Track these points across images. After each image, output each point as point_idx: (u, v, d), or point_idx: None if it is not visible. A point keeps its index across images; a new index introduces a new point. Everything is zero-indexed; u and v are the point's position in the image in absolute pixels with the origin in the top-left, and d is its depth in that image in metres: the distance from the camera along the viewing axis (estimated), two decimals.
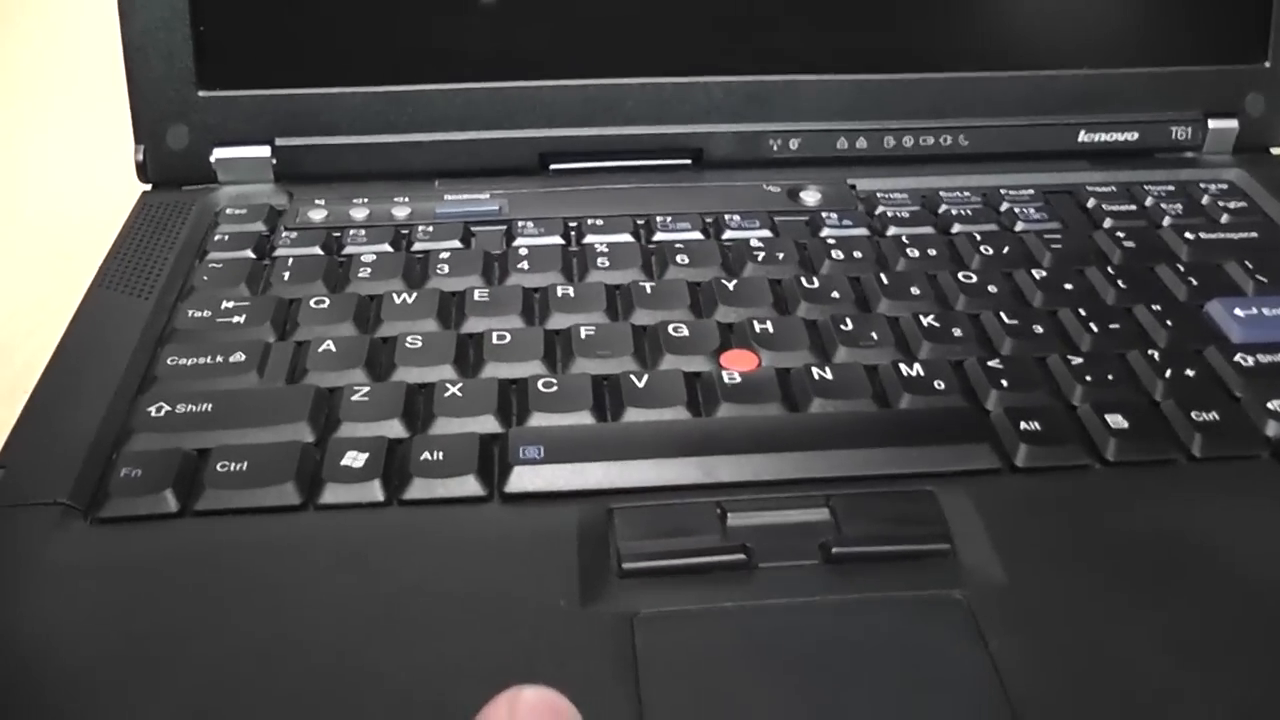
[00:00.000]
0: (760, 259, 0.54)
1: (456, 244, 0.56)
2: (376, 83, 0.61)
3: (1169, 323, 0.50)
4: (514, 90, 0.61)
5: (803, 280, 0.52)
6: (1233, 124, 0.63)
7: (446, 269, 0.54)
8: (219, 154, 0.61)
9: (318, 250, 0.56)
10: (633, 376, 0.47)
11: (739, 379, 0.47)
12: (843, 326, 0.49)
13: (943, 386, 0.46)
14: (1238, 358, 0.49)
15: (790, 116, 0.61)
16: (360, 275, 0.54)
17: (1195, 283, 0.53)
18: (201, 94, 0.60)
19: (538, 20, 0.60)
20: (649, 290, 0.52)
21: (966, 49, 0.62)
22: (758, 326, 0.50)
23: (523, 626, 0.39)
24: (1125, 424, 0.45)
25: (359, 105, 0.61)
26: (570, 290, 0.52)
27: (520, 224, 0.57)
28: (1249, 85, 0.63)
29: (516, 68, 0.60)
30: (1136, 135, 0.63)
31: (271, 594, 0.40)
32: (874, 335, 0.49)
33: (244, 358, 0.49)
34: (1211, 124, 0.63)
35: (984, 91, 0.62)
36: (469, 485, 0.44)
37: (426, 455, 0.44)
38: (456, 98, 0.61)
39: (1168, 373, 0.48)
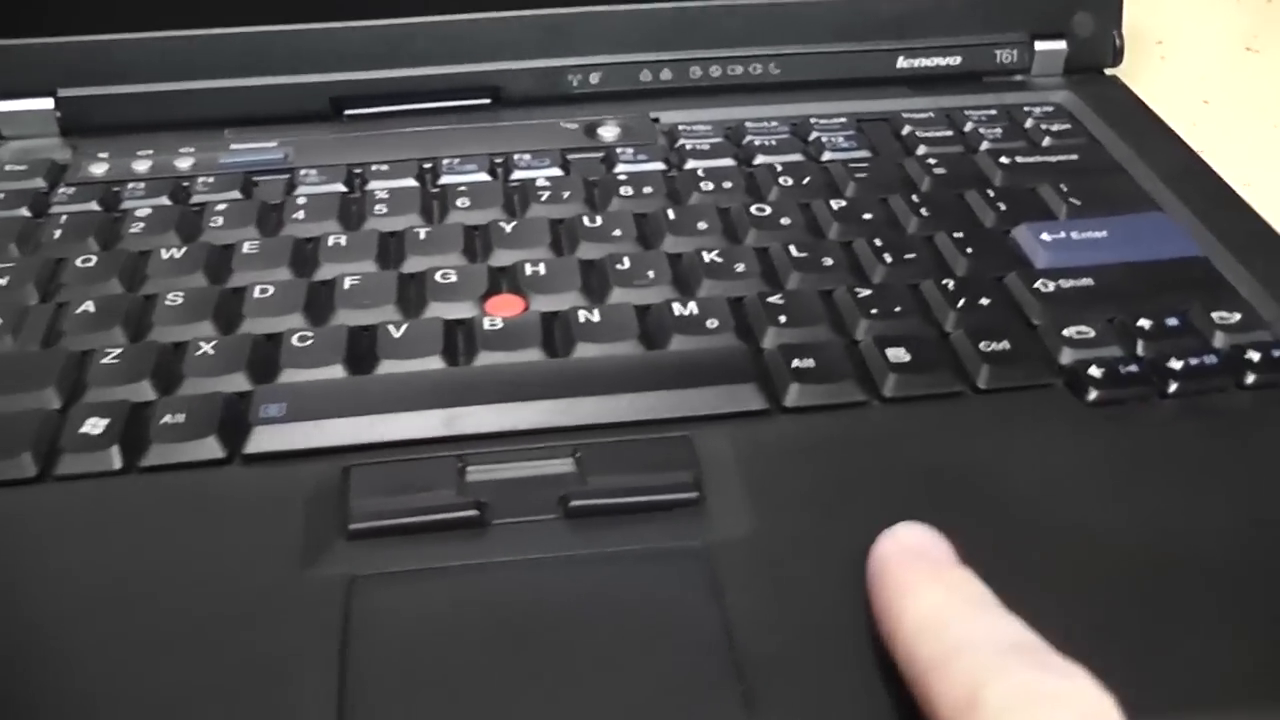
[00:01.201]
0: (544, 199, 0.51)
1: (236, 195, 0.53)
2: (162, 27, 0.57)
3: (970, 250, 0.48)
4: (303, 33, 0.58)
5: (585, 219, 0.50)
6: (1060, 45, 0.61)
7: (221, 221, 0.51)
8: (0, 107, 0.57)
9: (94, 206, 0.53)
10: (390, 327, 0.44)
11: (500, 325, 0.44)
12: (619, 266, 0.47)
13: (716, 325, 0.44)
14: (1038, 284, 0.46)
15: (590, 50, 0.58)
16: (133, 231, 0.51)
17: (1004, 208, 0.51)
18: None
19: None
20: (422, 236, 0.49)
21: None
22: (529, 269, 0.47)
23: (243, 593, 0.36)
24: (907, 357, 0.42)
25: (145, 51, 0.58)
26: (343, 239, 0.49)
27: (303, 172, 0.54)
28: (1076, 5, 0.60)
29: (305, 9, 0.57)
30: (959, 60, 0.60)
31: None
32: (650, 273, 0.46)
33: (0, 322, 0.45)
34: (1038, 46, 0.61)
35: (796, 17, 0.59)
36: (209, 448, 0.41)
37: (168, 418, 0.41)
38: (244, 41, 0.58)
39: (960, 302, 0.45)
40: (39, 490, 0.40)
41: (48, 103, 0.58)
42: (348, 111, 0.58)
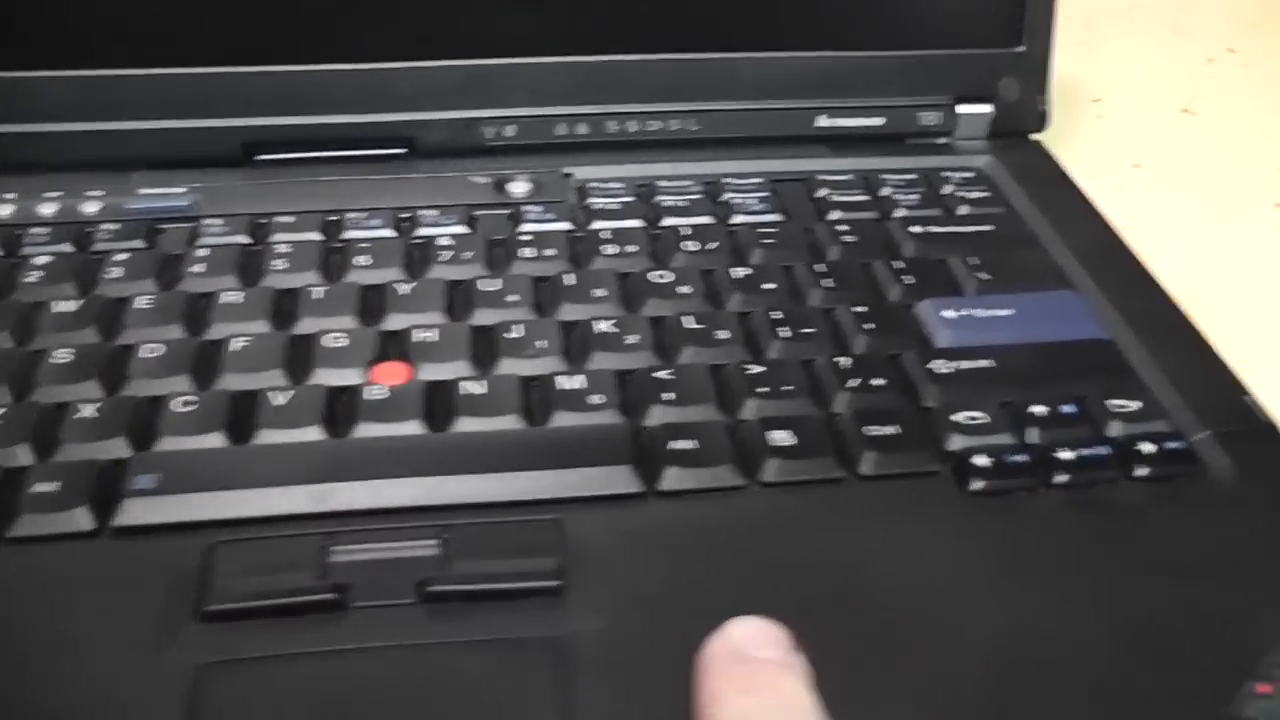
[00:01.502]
0: (445, 259, 0.50)
1: (139, 244, 0.52)
2: (73, 66, 0.57)
3: (869, 326, 0.47)
4: (217, 76, 0.57)
5: (482, 283, 0.49)
6: (986, 109, 0.60)
7: (118, 273, 0.50)
8: None
9: None
10: (273, 393, 0.43)
11: (383, 395, 0.43)
12: (508, 334, 0.46)
13: (600, 401, 0.43)
14: (934, 364, 0.45)
15: (507, 102, 0.58)
16: (29, 280, 0.50)
17: (911, 281, 0.50)
18: None
19: (242, 3, 0.56)
20: (316, 296, 0.48)
21: (699, 28, 0.58)
22: (419, 335, 0.46)
23: (89, 679, 0.35)
24: (790, 441, 0.42)
25: (55, 90, 0.57)
26: (238, 296, 0.48)
27: (208, 222, 0.53)
28: (1003, 69, 0.60)
29: (218, 52, 0.56)
30: (882, 121, 0.59)
31: None
32: (541, 343, 0.45)
33: None
34: (961, 109, 0.60)
35: (716, 73, 0.59)
36: (78, 519, 0.40)
37: (40, 486, 0.40)
38: (158, 83, 0.57)
39: (852, 382, 0.44)
40: None
41: None
42: (260, 157, 0.57)
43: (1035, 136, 0.62)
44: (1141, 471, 0.42)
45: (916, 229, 0.53)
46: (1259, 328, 0.54)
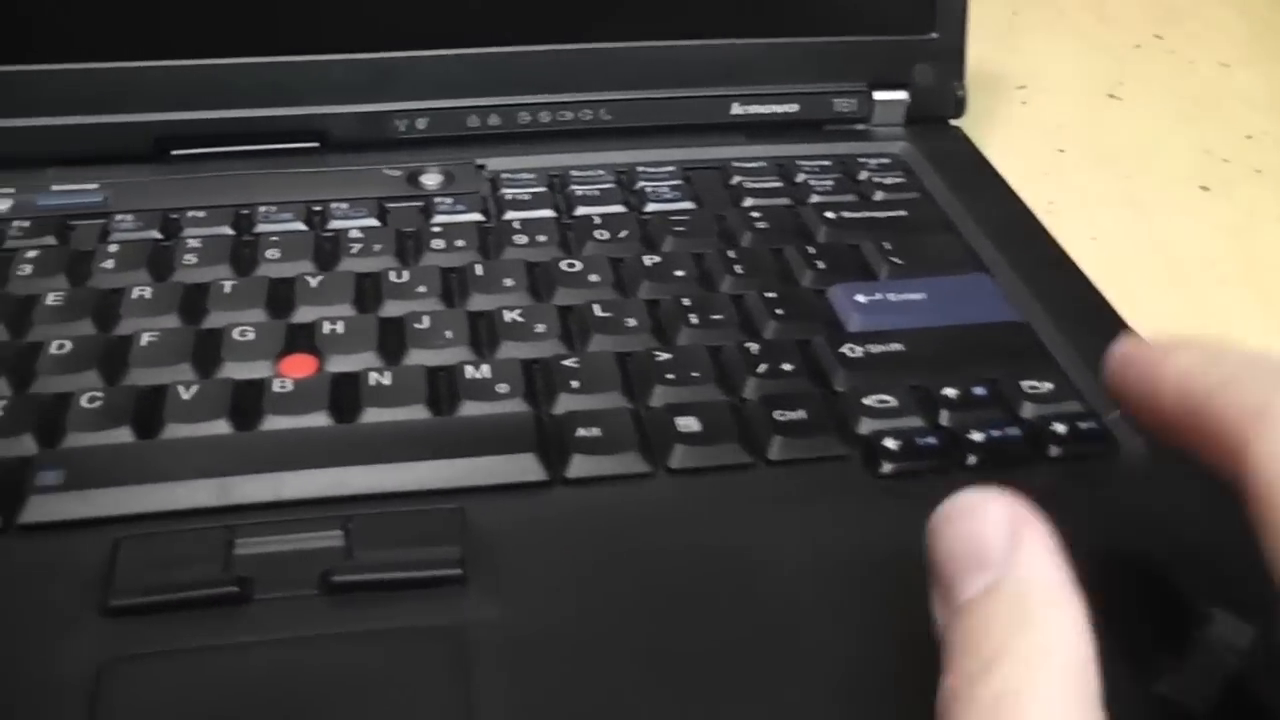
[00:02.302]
0: (355, 251, 0.50)
1: (49, 240, 0.52)
2: None
3: (779, 311, 0.47)
4: (124, 70, 0.56)
5: (392, 275, 0.49)
6: (902, 95, 0.60)
7: (29, 270, 0.50)
8: None
9: None
10: (180, 387, 0.43)
11: (290, 387, 0.43)
12: (417, 325, 0.46)
13: (506, 390, 0.43)
14: (844, 348, 0.45)
15: (418, 94, 0.58)
16: None
17: (823, 266, 0.50)
18: None
19: None
20: (227, 289, 0.48)
21: (609, 15, 0.58)
22: (327, 328, 0.46)
23: None
24: (697, 427, 0.42)
25: None
26: (148, 291, 0.48)
27: (119, 218, 0.53)
28: (917, 55, 0.60)
29: (129, 47, 0.56)
30: (797, 107, 0.59)
31: None
32: (448, 333, 0.45)
33: None
34: (877, 95, 0.60)
35: (628, 61, 0.58)
36: None
37: None
38: (67, 78, 0.56)
39: (761, 367, 0.44)
40: None
41: None
42: (174, 152, 0.57)
43: (955, 123, 0.62)
44: (1054, 452, 0.42)
45: (830, 214, 0.53)
46: (1178, 310, 0.54)
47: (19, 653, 0.36)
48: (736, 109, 0.59)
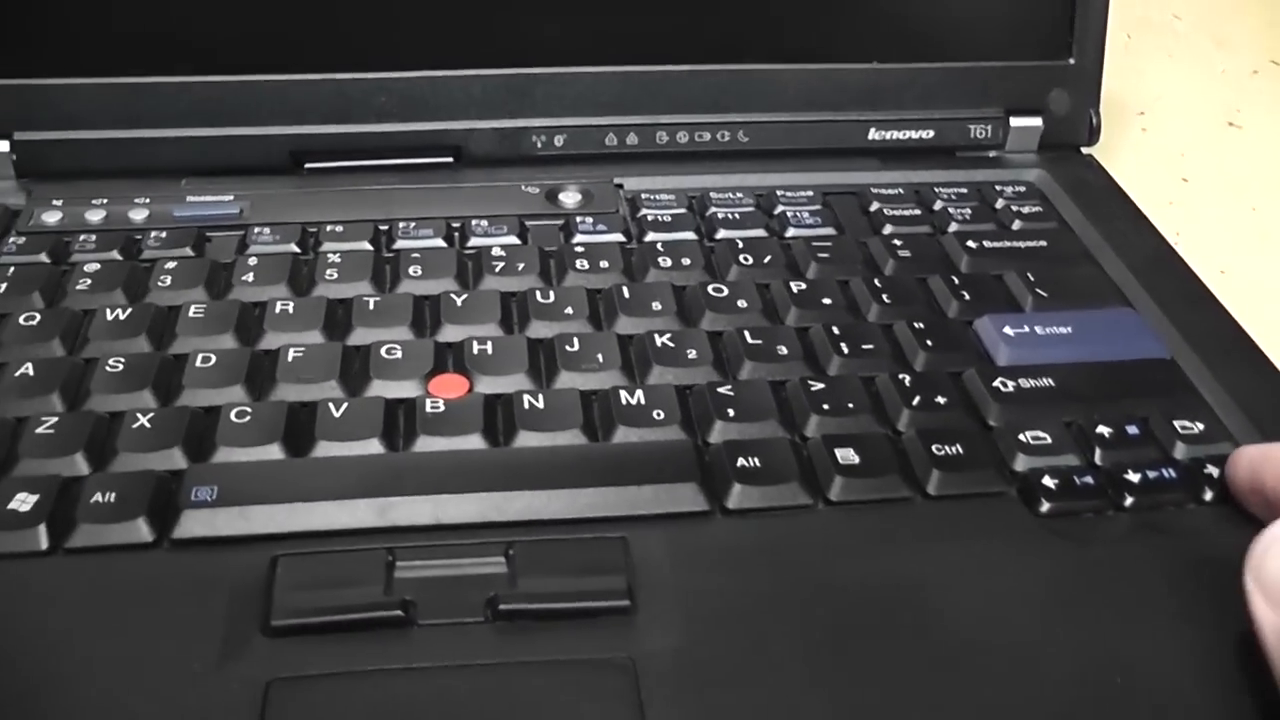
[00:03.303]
0: (499, 270, 0.50)
1: (187, 252, 0.52)
2: (121, 73, 0.56)
3: (929, 342, 0.46)
4: (263, 84, 0.56)
5: (538, 295, 0.48)
6: (1036, 122, 0.60)
7: (169, 280, 0.50)
8: None
9: (43, 258, 0.52)
10: (330, 405, 0.43)
11: (442, 408, 0.42)
12: (568, 348, 0.45)
13: (662, 417, 0.42)
14: (997, 382, 0.45)
15: (555, 111, 0.57)
16: (79, 288, 0.50)
17: (968, 297, 0.49)
18: None
19: (288, 10, 0.55)
20: (371, 306, 0.48)
21: (749, 39, 0.58)
22: (476, 348, 0.45)
23: (156, 691, 0.35)
24: (856, 459, 0.41)
25: (103, 97, 0.56)
26: (291, 306, 0.48)
27: (257, 230, 0.53)
28: (1053, 82, 0.59)
29: (266, 60, 0.56)
30: (933, 133, 0.59)
31: None
32: (600, 357, 0.45)
33: None
34: (1013, 122, 0.60)
35: (766, 84, 0.58)
36: (137, 531, 0.40)
37: (98, 497, 0.40)
38: (205, 91, 0.56)
39: (916, 400, 0.44)
40: None
41: (2, 145, 0.57)
42: (308, 165, 0.57)
43: (1085, 150, 0.61)
44: (1209, 495, 0.41)
45: (972, 244, 0.53)
46: None
47: (182, 668, 0.36)
48: (874, 134, 0.59)
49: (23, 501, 0.40)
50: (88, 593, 0.38)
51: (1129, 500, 0.41)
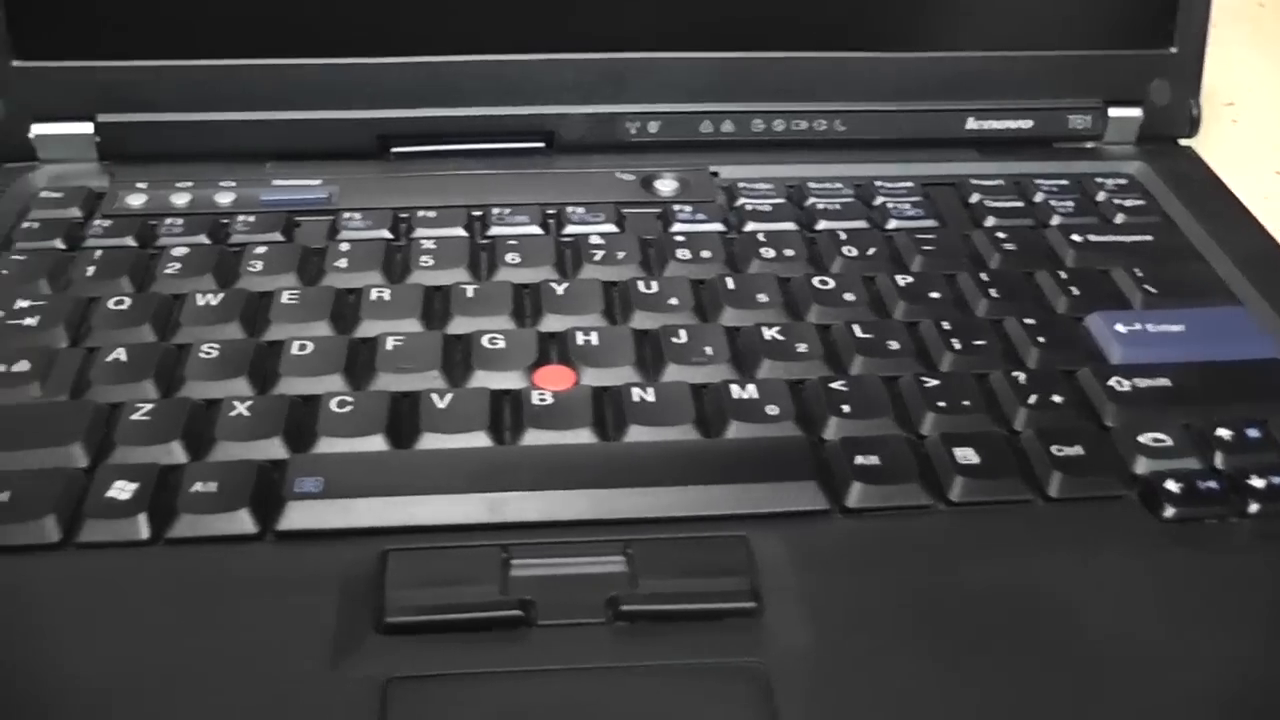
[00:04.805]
0: (598, 259, 0.49)
1: (277, 237, 0.51)
2: (206, 56, 0.56)
3: (1041, 339, 0.45)
4: (350, 67, 0.56)
5: (640, 284, 0.47)
6: (1136, 113, 0.59)
7: (259, 266, 0.49)
8: (38, 130, 0.56)
9: (130, 241, 0.51)
10: (434, 395, 0.42)
11: (549, 400, 0.42)
12: (674, 339, 0.44)
13: (776, 412, 0.42)
14: (1112, 381, 0.44)
15: (649, 97, 0.56)
16: (167, 272, 0.49)
17: (1077, 292, 0.48)
18: (16, 64, 0.55)
19: None
20: (470, 294, 0.47)
21: (845, 26, 0.57)
22: (580, 339, 0.44)
23: (270, 686, 0.34)
24: (976, 459, 0.40)
25: (188, 79, 0.56)
26: (386, 293, 0.47)
27: (347, 215, 0.52)
28: (1153, 72, 0.58)
29: (354, 42, 0.55)
30: (1031, 123, 0.58)
31: (4, 647, 0.35)
32: (708, 350, 0.44)
33: (28, 367, 0.44)
34: (1113, 112, 0.58)
35: (863, 73, 0.57)
36: (240, 522, 0.39)
37: (199, 486, 0.39)
38: (290, 73, 0.56)
39: (1032, 398, 0.43)
40: (60, 558, 0.38)
41: (87, 127, 0.56)
42: (394, 149, 0.56)
43: (1184, 142, 0.59)
44: None
45: (1076, 238, 0.52)
46: None
47: (296, 663, 0.35)
48: (972, 124, 0.58)
49: (121, 490, 0.39)
50: (191, 585, 0.37)
51: (1254, 507, 0.40)
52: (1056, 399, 0.43)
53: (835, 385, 0.43)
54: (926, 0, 0.57)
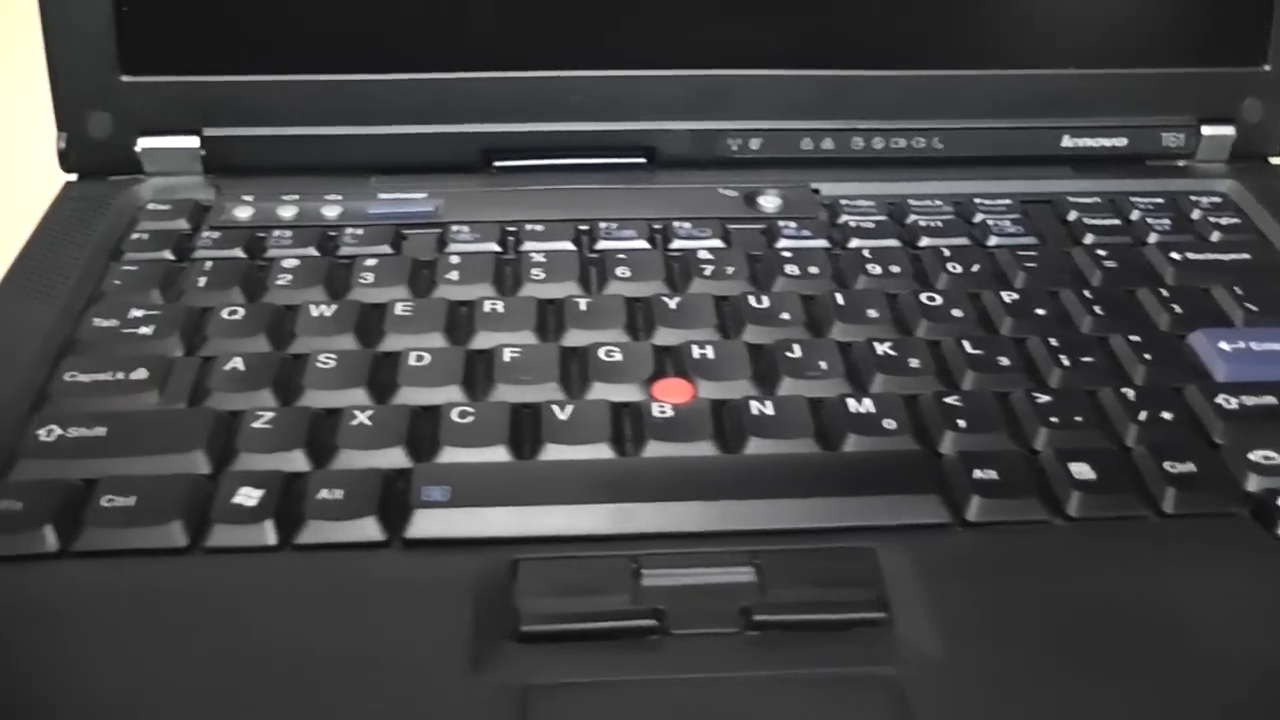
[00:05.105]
0: (708, 273, 0.50)
1: (386, 249, 0.52)
2: (311, 71, 0.57)
3: (1147, 356, 0.46)
4: (455, 82, 0.57)
5: (751, 299, 0.48)
6: (1229, 131, 0.59)
7: (371, 278, 0.50)
8: (144, 144, 0.57)
9: (239, 253, 0.52)
10: (555, 407, 0.43)
11: (670, 412, 0.43)
12: (789, 353, 0.45)
13: (894, 426, 0.42)
14: (1220, 399, 0.44)
15: (750, 114, 0.57)
16: (279, 283, 0.50)
17: (1179, 310, 0.49)
18: (125, 79, 0.56)
19: (482, 7, 0.55)
20: (584, 307, 0.48)
21: (943, 44, 0.58)
22: (696, 352, 0.45)
23: (402, 695, 0.35)
24: (1091, 475, 0.41)
25: (292, 94, 0.57)
26: (500, 305, 0.48)
27: (455, 228, 0.53)
28: (1246, 90, 0.58)
29: (458, 58, 0.56)
30: (1125, 141, 0.58)
31: (137, 649, 0.36)
32: (823, 364, 0.45)
33: (145, 375, 0.45)
34: (1205, 130, 0.59)
35: (960, 91, 0.58)
36: (367, 529, 0.40)
37: (324, 493, 0.40)
38: (394, 88, 0.57)
39: (1142, 415, 0.43)
40: (188, 562, 0.39)
41: (193, 141, 0.57)
42: (497, 163, 0.57)
43: (1275, 160, 0.60)
44: None
45: (1175, 255, 0.52)
46: None
47: (433, 671, 0.36)
48: (1067, 141, 0.58)
49: (248, 496, 0.40)
50: (323, 590, 0.38)
51: None
52: (1166, 416, 0.44)
53: (949, 400, 0.44)
54: (1022, 19, 0.58)
